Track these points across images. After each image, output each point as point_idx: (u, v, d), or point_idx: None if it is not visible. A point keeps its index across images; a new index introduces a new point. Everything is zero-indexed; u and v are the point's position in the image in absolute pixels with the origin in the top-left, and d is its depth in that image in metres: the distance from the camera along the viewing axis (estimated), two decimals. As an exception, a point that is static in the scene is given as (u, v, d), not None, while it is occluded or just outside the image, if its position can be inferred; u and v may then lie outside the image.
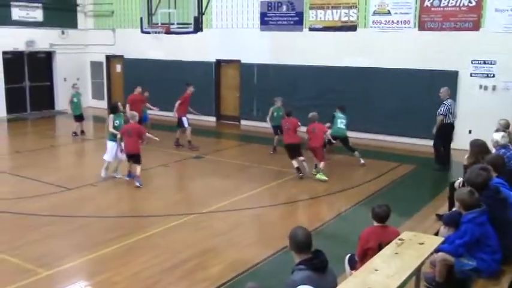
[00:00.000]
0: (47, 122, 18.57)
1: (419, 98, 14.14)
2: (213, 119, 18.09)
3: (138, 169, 10.32)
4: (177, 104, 13.67)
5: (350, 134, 12.56)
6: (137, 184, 10.15)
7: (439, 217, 7.53)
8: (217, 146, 13.47)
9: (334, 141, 11.91)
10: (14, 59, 19.11)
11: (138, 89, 14.53)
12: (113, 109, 11.38)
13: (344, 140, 12.20)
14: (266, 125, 13.78)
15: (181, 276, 6.44)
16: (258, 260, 6.92)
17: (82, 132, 15.38)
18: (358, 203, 9.46)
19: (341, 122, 12.17)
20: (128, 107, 13.89)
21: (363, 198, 9.67)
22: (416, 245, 4.53)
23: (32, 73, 19.87)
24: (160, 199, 9.61)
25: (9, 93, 18.94)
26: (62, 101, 20.14)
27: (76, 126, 15.29)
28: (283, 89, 15.79)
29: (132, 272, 6.52)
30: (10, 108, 18.97)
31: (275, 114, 13.06)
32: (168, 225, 8.15)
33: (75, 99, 15.18)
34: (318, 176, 10.74)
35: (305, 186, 10.61)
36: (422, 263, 4.53)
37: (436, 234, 6.10)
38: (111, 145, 10.74)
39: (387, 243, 4.67)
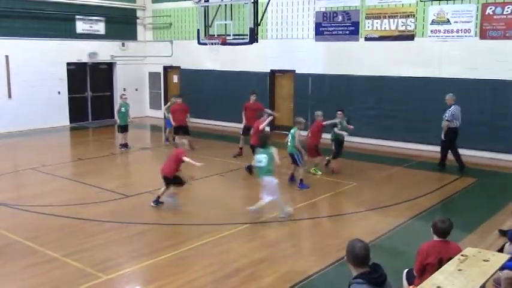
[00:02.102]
0: (107, 130, 19.20)
1: (481, 109, 13.67)
2: (267, 128, 18.13)
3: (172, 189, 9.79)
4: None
5: (407, 145, 12.33)
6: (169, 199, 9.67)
7: (503, 233, 7.21)
8: (271, 156, 13.50)
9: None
10: (77, 70, 19.97)
11: (179, 100, 14.93)
12: (265, 141, 9.15)
13: None
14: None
15: (234, 286, 6.45)
16: (312, 272, 6.85)
17: (126, 145, 15.11)
18: (416, 216, 9.20)
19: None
20: (171, 116, 14.63)
21: (421, 211, 9.40)
22: (481, 262, 4.34)
23: (94, 84, 20.70)
24: (215, 208, 9.70)
25: (72, 102, 19.80)
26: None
27: (121, 138, 15.17)
28: (337, 99, 15.67)
29: (186, 280, 6.60)
30: (73, 117, 19.81)
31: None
32: (222, 234, 8.21)
33: (123, 109, 15.14)
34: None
35: (361, 197, 10.44)
36: (487, 281, 4.34)
37: (500, 250, 5.85)
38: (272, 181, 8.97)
39: (448, 259, 4.51)
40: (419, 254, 4.92)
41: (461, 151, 13.88)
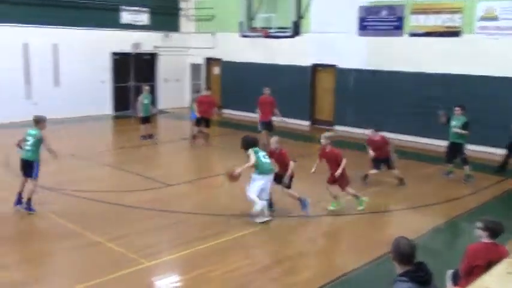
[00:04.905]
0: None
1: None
2: (307, 123, 18.11)
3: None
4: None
5: (442, 144, 12.05)
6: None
7: (550, 238, 7.00)
8: (311, 150, 13.43)
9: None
10: (121, 60, 20.34)
11: (205, 92, 15.10)
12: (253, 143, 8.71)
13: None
14: (362, 131, 13.55)
15: (273, 278, 6.52)
16: (350, 268, 6.85)
17: (151, 136, 15.14)
18: (455, 217, 9.05)
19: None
20: (195, 107, 14.50)
21: (460, 213, 9.23)
22: (531, 265, 4.25)
23: (137, 73, 21.02)
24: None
25: (115, 92, 20.22)
26: (163, 100, 21.26)
27: (143, 129, 15.12)
28: (379, 95, 15.48)
29: (226, 270, 6.70)
30: (116, 106, 20.24)
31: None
32: (262, 226, 8.25)
33: (146, 101, 15.18)
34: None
35: (400, 196, 10.32)
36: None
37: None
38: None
39: (496, 262, 4.43)
40: (468, 255, 4.84)
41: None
